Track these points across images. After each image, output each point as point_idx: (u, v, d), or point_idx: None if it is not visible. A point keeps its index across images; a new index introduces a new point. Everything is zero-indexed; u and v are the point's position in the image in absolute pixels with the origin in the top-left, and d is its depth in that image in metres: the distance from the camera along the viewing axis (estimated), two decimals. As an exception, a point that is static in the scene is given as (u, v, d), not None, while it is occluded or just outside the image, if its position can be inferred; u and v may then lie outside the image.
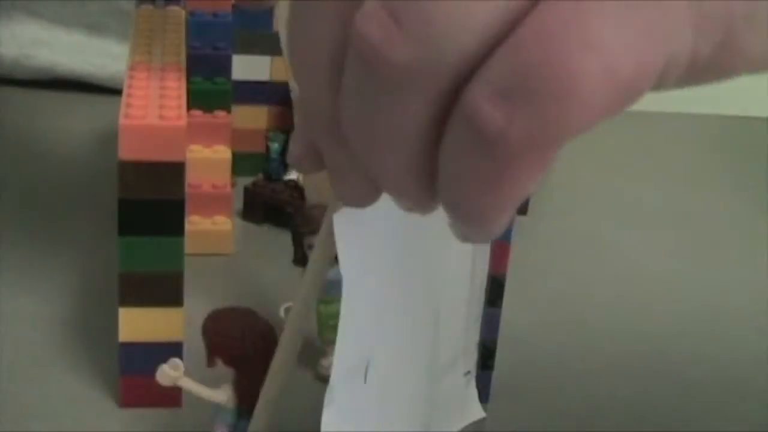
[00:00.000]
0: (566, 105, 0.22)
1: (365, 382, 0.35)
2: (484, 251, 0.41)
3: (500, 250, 0.42)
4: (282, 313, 0.47)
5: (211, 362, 0.38)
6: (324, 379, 0.48)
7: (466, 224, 0.24)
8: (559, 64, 0.22)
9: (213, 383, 0.44)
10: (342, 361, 0.34)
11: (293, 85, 0.48)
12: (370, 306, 0.35)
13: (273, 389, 0.34)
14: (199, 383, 0.39)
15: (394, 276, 0.35)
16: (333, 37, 0.24)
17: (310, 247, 0.46)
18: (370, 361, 0.36)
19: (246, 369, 0.38)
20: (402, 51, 0.22)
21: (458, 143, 0.23)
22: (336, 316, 0.45)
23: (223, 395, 0.39)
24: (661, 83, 0.25)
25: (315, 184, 0.49)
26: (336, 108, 0.24)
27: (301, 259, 0.47)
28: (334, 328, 0.46)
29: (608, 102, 0.23)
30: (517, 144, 0.22)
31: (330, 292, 0.46)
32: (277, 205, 0.59)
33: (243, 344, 0.38)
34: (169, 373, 0.38)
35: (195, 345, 0.46)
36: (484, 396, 0.44)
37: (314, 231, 0.44)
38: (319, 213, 0.45)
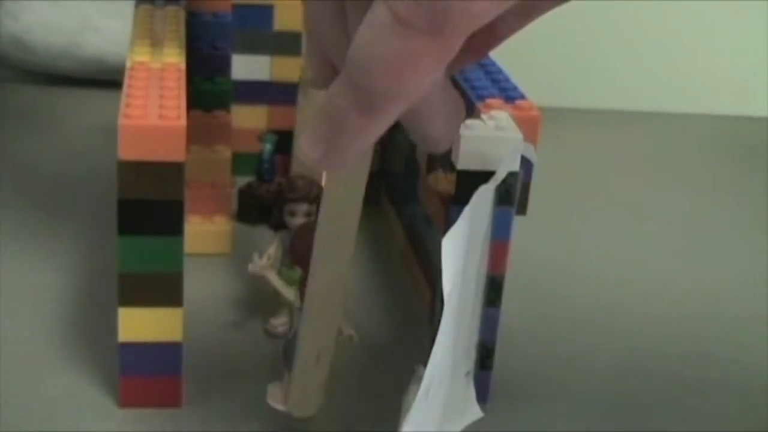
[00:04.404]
0: None
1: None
2: (484, 251, 0.42)
3: (499, 249, 0.42)
4: (250, 268, 0.48)
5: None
6: (271, 336, 0.50)
7: (372, 105, 0.30)
8: None
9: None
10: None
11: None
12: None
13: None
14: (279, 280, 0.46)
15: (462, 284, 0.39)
16: None
17: (291, 213, 0.49)
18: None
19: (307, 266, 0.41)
20: None
21: (374, 23, 0.28)
22: (296, 281, 0.48)
23: (291, 294, 0.44)
24: None
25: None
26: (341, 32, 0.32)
27: (279, 224, 0.49)
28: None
29: None
30: (425, 27, 0.27)
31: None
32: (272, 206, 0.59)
33: (303, 242, 0.41)
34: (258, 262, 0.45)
35: (194, 344, 0.46)
36: (482, 396, 0.45)
37: (298, 198, 0.48)
38: (304, 183, 0.49)
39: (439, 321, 0.37)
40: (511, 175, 0.41)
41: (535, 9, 0.34)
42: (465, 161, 0.41)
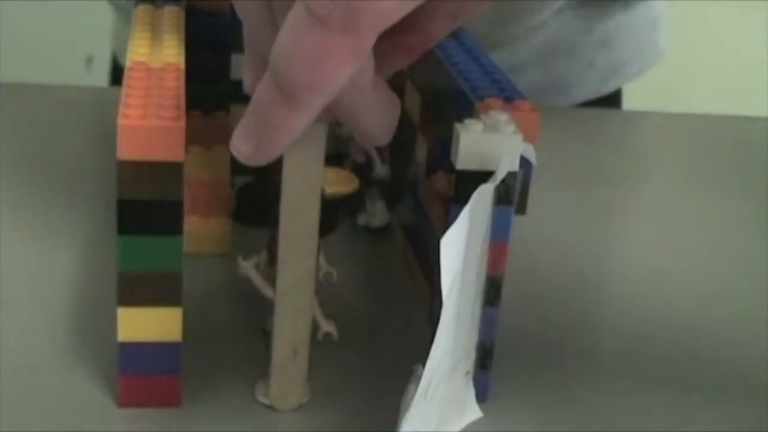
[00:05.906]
0: None
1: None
2: (484, 251, 0.42)
3: (499, 249, 0.42)
4: (239, 260, 0.48)
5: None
6: (270, 336, 0.49)
7: (293, 99, 0.31)
8: None
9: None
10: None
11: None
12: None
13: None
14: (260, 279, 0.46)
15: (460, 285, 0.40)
16: None
17: None
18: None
19: None
20: None
21: (293, 22, 0.30)
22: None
23: (271, 293, 0.44)
24: None
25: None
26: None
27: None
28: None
29: None
30: (338, 25, 0.29)
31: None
32: (271, 206, 0.59)
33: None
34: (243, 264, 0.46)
35: (194, 344, 0.46)
36: (482, 396, 0.45)
37: None
38: None
39: (438, 321, 0.37)
40: (511, 175, 0.41)
41: (462, 11, 0.35)
42: (464, 161, 0.41)
